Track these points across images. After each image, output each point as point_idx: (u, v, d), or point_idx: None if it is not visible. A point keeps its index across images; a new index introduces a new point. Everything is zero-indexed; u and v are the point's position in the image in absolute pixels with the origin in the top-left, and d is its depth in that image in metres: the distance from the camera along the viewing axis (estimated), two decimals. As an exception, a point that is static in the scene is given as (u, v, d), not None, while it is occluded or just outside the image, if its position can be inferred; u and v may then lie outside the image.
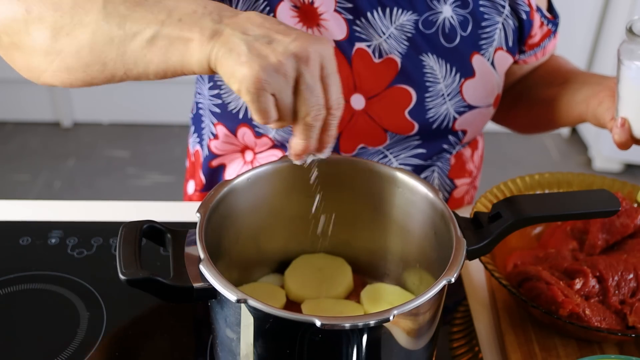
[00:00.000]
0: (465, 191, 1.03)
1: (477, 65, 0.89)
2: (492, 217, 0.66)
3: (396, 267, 0.76)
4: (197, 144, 1.03)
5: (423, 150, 0.93)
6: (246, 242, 0.73)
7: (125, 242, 0.60)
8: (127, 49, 0.60)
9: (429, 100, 0.87)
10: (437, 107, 0.88)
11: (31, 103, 2.63)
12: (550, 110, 0.97)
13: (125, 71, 0.62)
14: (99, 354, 0.72)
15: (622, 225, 0.81)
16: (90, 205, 0.94)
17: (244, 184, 0.69)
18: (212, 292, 0.58)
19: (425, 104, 0.87)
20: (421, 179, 0.70)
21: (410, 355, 0.61)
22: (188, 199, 1.08)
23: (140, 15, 0.59)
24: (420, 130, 0.89)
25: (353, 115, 0.87)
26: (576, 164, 2.62)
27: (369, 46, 0.85)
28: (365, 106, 0.86)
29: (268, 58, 0.55)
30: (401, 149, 0.92)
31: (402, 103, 0.87)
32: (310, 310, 0.71)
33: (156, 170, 2.44)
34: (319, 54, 0.57)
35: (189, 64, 0.59)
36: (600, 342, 0.74)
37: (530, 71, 1.04)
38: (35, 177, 2.39)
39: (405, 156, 0.93)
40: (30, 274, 0.81)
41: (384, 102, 0.86)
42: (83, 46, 0.61)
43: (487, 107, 0.92)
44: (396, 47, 0.86)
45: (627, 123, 0.78)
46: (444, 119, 0.89)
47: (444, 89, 0.87)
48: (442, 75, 0.87)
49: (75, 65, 0.63)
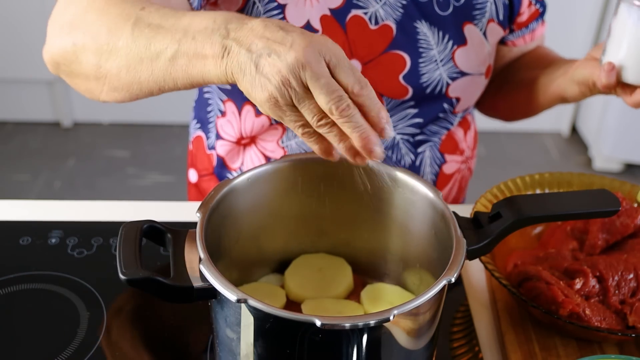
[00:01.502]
0: (456, 169, 1.05)
1: (468, 34, 0.92)
2: (492, 217, 0.66)
3: (396, 267, 0.76)
4: (197, 129, 1.06)
5: (420, 120, 0.96)
6: (246, 242, 0.73)
7: (125, 242, 0.60)
8: (155, 68, 0.66)
9: (423, 65, 0.91)
10: (431, 72, 0.91)
11: (31, 103, 2.63)
12: (530, 91, 1.01)
13: (159, 87, 0.68)
14: (99, 354, 0.72)
15: (622, 225, 0.81)
16: (90, 205, 0.94)
17: (244, 184, 0.69)
18: (212, 292, 0.58)
19: (419, 69, 0.91)
20: (421, 179, 0.70)
21: (410, 355, 0.61)
22: (192, 188, 1.09)
23: (162, 36, 0.65)
24: (414, 94, 0.92)
25: None
26: (576, 164, 2.62)
27: (366, 13, 0.88)
28: (362, 72, 0.88)
29: (274, 79, 0.58)
30: (399, 118, 0.95)
31: (397, 68, 0.90)
32: (311, 310, 0.71)
33: (156, 170, 2.44)
34: (317, 53, 0.58)
35: (210, 78, 0.63)
36: (600, 342, 0.74)
37: (517, 57, 1.07)
38: (35, 177, 2.39)
39: (403, 126, 0.96)
40: (30, 274, 0.81)
41: (379, 67, 0.90)
42: (120, 68, 0.68)
43: (479, 75, 0.95)
44: (391, 14, 0.89)
45: (615, 67, 0.82)
46: (437, 84, 0.92)
47: (436, 55, 0.91)
48: (434, 42, 0.90)
49: (119, 86, 0.70)
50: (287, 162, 0.72)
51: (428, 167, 1.01)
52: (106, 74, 0.69)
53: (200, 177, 1.07)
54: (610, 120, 2.46)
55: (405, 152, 0.98)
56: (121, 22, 0.67)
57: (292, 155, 0.73)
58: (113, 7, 0.69)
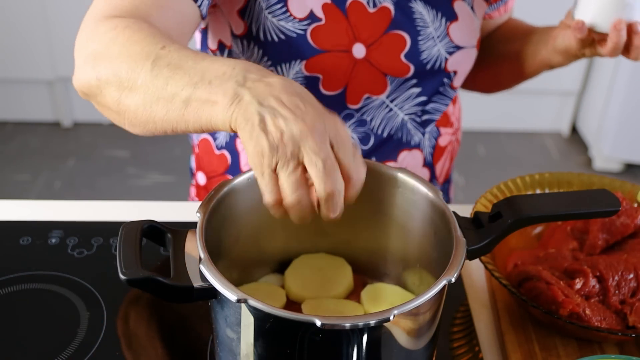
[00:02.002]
0: (449, 141, 1.09)
1: (458, 10, 0.96)
2: (493, 217, 0.66)
3: (396, 267, 0.76)
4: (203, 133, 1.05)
5: (423, 98, 0.99)
6: (246, 242, 0.73)
7: (125, 242, 0.60)
8: (170, 109, 0.66)
9: (422, 43, 0.94)
10: (429, 49, 0.95)
11: (31, 103, 2.63)
12: (515, 63, 1.05)
13: (172, 128, 0.68)
14: (99, 354, 0.72)
15: (622, 225, 0.81)
16: (90, 205, 0.94)
17: (244, 184, 0.69)
18: (212, 292, 0.58)
19: (418, 47, 0.94)
20: (421, 179, 0.70)
21: (410, 355, 0.61)
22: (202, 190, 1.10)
23: (179, 77, 0.64)
24: (416, 71, 0.95)
25: (355, 64, 0.93)
26: (576, 164, 2.62)
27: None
28: (366, 54, 0.92)
29: (270, 136, 0.57)
30: (404, 98, 0.98)
31: (398, 47, 0.93)
32: (311, 310, 0.71)
33: (156, 170, 2.44)
34: (322, 131, 0.58)
35: (216, 123, 0.62)
36: (600, 342, 0.74)
37: (493, 30, 1.11)
38: (35, 177, 2.39)
39: (409, 105, 0.99)
40: (30, 274, 0.81)
41: (381, 48, 0.93)
42: (138, 106, 0.68)
43: (472, 48, 0.99)
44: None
45: (584, 23, 0.85)
46: (437, 59, 0.96)
47: (433, 32, 0.94)
48: (430, 19, 0.94)
49: (136, 123, 0.70)
50: (287, 162, 0.72)
51: (427, 142, 1.05)
52: (125, 110, 0.70)
53: (210, 179, 1.08)
54: (610, 120, 2.46)
55: (414, 132, 1.02)
56: (141, 60, 0.67)
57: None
58: (135, 45, 0.69)
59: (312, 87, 0.93)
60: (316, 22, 0.89)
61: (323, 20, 0.89)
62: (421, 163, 1.06)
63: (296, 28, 0.89)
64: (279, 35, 0.89)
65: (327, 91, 0.94)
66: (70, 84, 2.58)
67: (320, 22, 0.89)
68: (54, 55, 2.47)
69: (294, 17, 0.89)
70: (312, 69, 0.91)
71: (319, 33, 0.90)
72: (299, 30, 0.89)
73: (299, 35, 0.89)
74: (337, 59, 0.91)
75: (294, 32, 0.89)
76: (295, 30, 0.89)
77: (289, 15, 0.88)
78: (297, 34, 0.89)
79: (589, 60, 2.66)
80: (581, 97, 2.75)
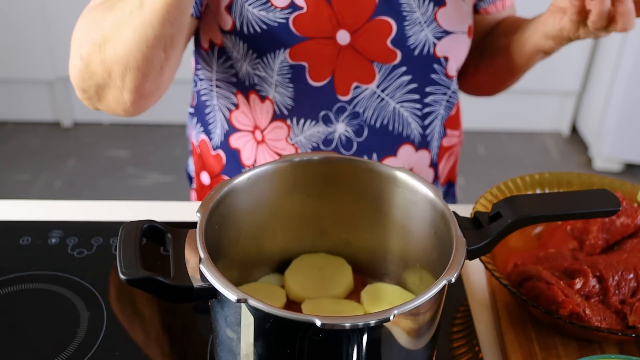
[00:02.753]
0: (453, 143, 1.10)
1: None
2: (492, 217, 0.66)
3: (396, 267, 0.76)
4: (201, 133, 1.08)
5: (414, 85, 0.98)
6: (246, 242, 0.73)
7: (125, 242, 0.60)
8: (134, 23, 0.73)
9: (408, 28, 0.94)
10: (416, 34, 0.94)
11: (31, 103, 2.63)
12: (508, 56, 1.03)
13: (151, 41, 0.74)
14: (99, 354, 0.72)
15: (622, 225, 0.81)
16: (90, 205, 0.94)
17: (244, 184, 0.70)
18: (212, 292, 0.58)
19: (405, 32, 0.94)
20: (421, 179, 0.70)
21: (410, 355, 0.61)
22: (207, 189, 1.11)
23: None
24: (403, 57, 0.95)
25: (340, 50, 0.93)
26: (576, 164, 2.62)
27: None
28: (351, 40, 0.93)
29: None
30: (395, 87, 0.97)
31: (384, 33, 0.93)
32: (311, 310, 0.71)
33: (156, 170, 2.44)
34: None
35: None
36: (600, 342, 0.74)
37: (492, 27, 1.10)
38: (35, 177, 2.39)
39: (401, 94, 0.98)
40: (30, 274, 0.81)
41: (367, 34, 0.93)
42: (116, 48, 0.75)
43: (462, 33, 0.99)
44: None
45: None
46: (425, 45, 0.96)
47: (420, 17, 0.94)
48: (416, 4, 0.94)
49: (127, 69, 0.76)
50: (287, 162, 0.72)
51: (435, 142, 1.05)
52: (110, 64, 0.75)
53: (213, 179, 1.09)
54: (610, 120, 2.46)
55: (414, 126, 1.01)
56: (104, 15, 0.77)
57: (292, 155, 0.73)
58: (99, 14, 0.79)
59: (300, 77, 0.94)
60: (297, 10, 0.90)
61: (305, 8, 0.90)
62: (428, 163, 1.06)
63: (277, 17, 0.90)
64: (261, 26, 0.90)
65: (315, 82, 0.94)
66: (70, 83, 2.58)
67: (301, 11, 0.90)
68: (54, 55, 2.47)
69: (275, 7, 0.89)
70: (296, 57, 0.92)
71: (301, 21, 0.90)
72: (280, 20, 0.90)
73: (280, 24, 0.90)
74: (321, 46, 0.92)
75: (275, 21, 0.90)
76: (276, 19, 0.90)
77: (269, 6, 0.89)
78: (279, 23, 0.90)
79: (589, 60, 2.66)
80: (581, 97, 2.75)
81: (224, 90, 1.01)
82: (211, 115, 1.05)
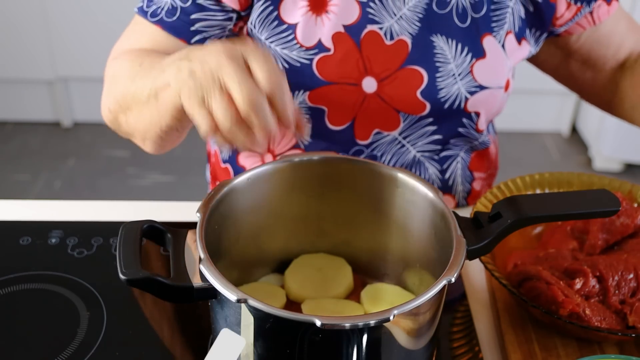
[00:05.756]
0: (482, 186, 1.05)
1: (487, 46, 0.90)
2: (492, 217, 0.66)
3: (396, 267, 0.76)
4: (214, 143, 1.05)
5: (439, 136, 0.94)
6: (246, 242, 0.73)
7: (125, 242, 0.60)
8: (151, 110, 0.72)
9: (440, 80, 0.88)
10: (449, 87, 0.89)
11: (31, 103, 2.63)
12: None
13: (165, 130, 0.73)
14: (99, 354, 0.72)
15: (622, 225, 0.81)
16: (90, 205, 0.94)
17: (244, 184, 0.70)
18: (212, 292, 0.58)
19: (436, 84, 0.88)
20: (421, 179, 0.70)
21: (410, 355, 0.61)
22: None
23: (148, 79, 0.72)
24: (432, 110, 0.90)
25: (365, 98, 0.88)
26: (576, 164, 2.62)
27: (381, 28, 0.86)
28: (377, 89, 0.88)
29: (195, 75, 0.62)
30: (417, 136, 0.93)
31: (414, 84, 0.88)
32: (311, 310, 0.71)
33: (156, 170, 2.44)
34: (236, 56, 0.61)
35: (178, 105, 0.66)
36: (600, 342, 0.74)
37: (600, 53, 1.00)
38: (35, 177, 2.39)
39: (422, 143, 0.94)
40: (30, 274, 0.81)
41: (395, 83, 0.88)
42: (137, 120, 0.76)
43: (498, 88, 0.92)
44: (407, 29, 0.87)
45: None
46: (456, 98, 0.90)
47: (454, 69, 0.88)
48: (452, 55, 0.88)
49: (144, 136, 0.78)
50: (287, 162, 0.72)
51: (460, 186, 1.01)
52: (133, 128, 0.79)
53: None
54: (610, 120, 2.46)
55: (432, 171, 0.97)
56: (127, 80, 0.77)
57: (292, 155, 0.73)
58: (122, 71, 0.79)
59: (318, 119, 0.90)
60: (324, 52, 0.85)
61: (332, 50, 0.85)
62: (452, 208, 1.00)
63: (301, 57, 0.85)
64: (282, 64, 0.86)
65: (334, 125, 0.90)
66: (70, 84, 2.58)
67: (328, 53, 0.85)
68: (54, 55, 2.47)
69: (301, 45, 0.85)
70: (316, 100, 0.88)
71: (325, 64, 0.86)
72: (303, 60, 0.85)
73: (303, 64, 0.85)
74: (344, 92, 0.87)
75: (298, 61, 0.85)
76: (299, 59, 0.85)
77: (295, 43, 0.85)
78: (302, 63, 0.85)
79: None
80: (581, 97, 2.74)
81: None
82: None
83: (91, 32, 2.38)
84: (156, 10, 0.86)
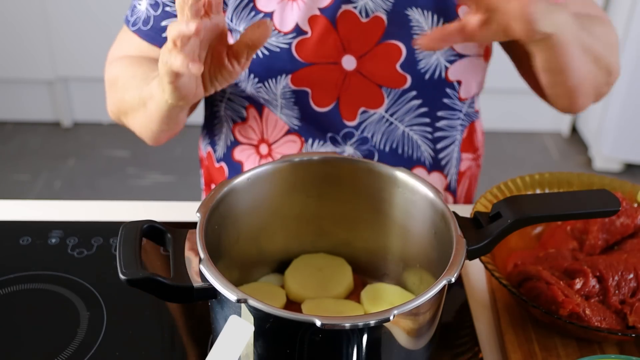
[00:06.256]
0: (468, 166, 1.06)
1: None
2: (493, 217, 0.66)
3: (396, 267, 0.76)
4: (207, 145, 1.07)
5: (425, 109, 0.95)
6: (246, 242, 0.73)
7: (125, 242, 0.60)
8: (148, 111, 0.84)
9: (419, 51, 0.90)
10: (427, 57, 0.90)
11: (31, 103, 2.63)
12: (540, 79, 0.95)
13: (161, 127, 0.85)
14: (99, 354, 0.72)
15: (622, 225, 0.81)
16: (90, 205, 0.94)
17: (244, 184, 0.70)
18: (212, 292, 0.58)
19: (415, 56, 0.90)
20: (421, 179, 0.70)
21: (410, 355, 0.61)
22: None
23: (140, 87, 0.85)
24: (414, 82, 0.91)
25: (346, 76, 0.90)
26: (576, 164, 2.62)
27: (355, 7, 0.88)
28: (357, 65, 0.90)
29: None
30: (404, 112, 0.94)
31: (393, 57, 0.90)
32: (311, 310, 0.71)
33: (156, 170, 2.44)
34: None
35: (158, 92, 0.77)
36: (600, 342, 0.74)
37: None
38: (35, 177, 2.39)
39: (410, 118, 0.95)
40: (30, 274, 0.81)
41: (374, 59, 0.90)
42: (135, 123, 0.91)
43: (477, 56, 0.94)
44: (381, 5, 0.88)
45: None
46: (436, 68, 0.91)
47: None
48: (428, 26, 0.89)
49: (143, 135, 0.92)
50: (287, 162, 0.72)
51: (453, 168, 1.02)
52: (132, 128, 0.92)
53: None
54: (610, 120, 2.46)
55: (424, 148, 0.98)
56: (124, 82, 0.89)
57: (292, 155, 0.73)
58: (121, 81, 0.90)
59: (303, 103, 0.92)
60: (302, 35, 0.88)
61: (309, 33, 0.87)
62: (442, 187, 1.02)
63: (280, 42, 0.88)
64: (263, 51, 0.88)
65: (319, 107, 0.92)
66: (70, 84, 2.58)
67: (305, 35, 0.88)
68: (54, 55, 2.47)
69: (279, 32, 0.87)
70: (299, 82, 0.90)
71: (304, 46, 0.88)
72: (282, 45, 0.88)
73: (282, 49, 0.88)
74: (325, 71, 0.89)
75: (278, 46, 0.88)
76: (278, 44, 0.88)
77: (273, 30, 0.86)
78: (281, 48, 0.88)
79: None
80: (581, 97, 2.74)
81: (234, 104, 0.99)
82: (218, 127, 1.03)
83: (91, 32, 2.38)
84: (136, 20, 0.91)
